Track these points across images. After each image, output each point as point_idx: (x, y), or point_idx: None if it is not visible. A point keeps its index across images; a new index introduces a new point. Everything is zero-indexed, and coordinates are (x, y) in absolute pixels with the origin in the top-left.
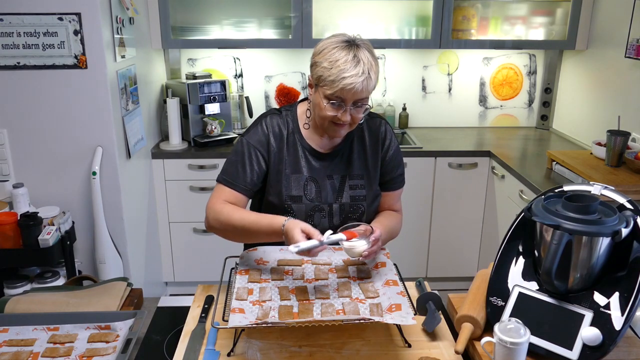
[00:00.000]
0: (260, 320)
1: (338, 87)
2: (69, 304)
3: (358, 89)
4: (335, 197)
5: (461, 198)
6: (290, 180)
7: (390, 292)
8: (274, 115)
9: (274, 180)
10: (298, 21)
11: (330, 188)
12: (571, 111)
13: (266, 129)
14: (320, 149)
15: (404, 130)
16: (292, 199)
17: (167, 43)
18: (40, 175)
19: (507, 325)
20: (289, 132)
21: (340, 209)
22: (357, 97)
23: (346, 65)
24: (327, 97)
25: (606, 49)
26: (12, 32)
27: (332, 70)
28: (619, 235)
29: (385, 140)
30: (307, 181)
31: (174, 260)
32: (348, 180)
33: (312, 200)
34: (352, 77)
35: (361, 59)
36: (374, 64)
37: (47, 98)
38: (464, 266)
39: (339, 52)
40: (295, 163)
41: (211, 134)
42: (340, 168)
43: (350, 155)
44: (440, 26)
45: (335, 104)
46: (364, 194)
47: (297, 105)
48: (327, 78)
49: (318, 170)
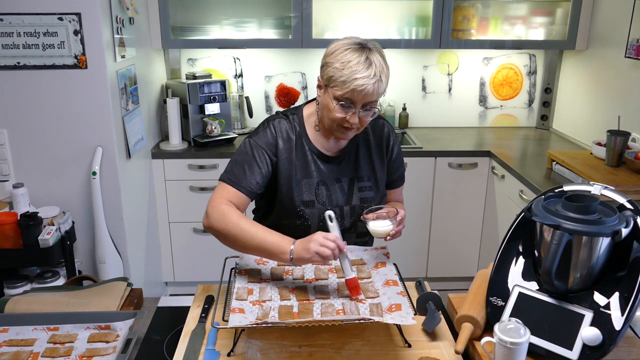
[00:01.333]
0: (260, 320)
1: (349, 88)
2: (69, 304)
3: (369, 90)
4: (345, 200)
5: (461, 198)
6: (301, 185)
7: (390, 292)
8: (282, 119)
9: (285, 185)
10: (298, 21)
11: (340, 191)
12: (571, 111)
13: (275, 132)
14: (327, 152)
15: (404, 130)
16: (304, 204)
17: (167, 43)
18: (40, 175)
19: (507, 325)
20: (297, 137)
21: (351, 211)
22: (367, 100)
23: (358, 66)
24: (336, 98)
25: (606, 49)
26: (12, 32)
27: (344, 71)
28: (619, 235)
29: (389, 141)
30: (318, 185)
31: (174, 260)
32: (356, 183)
33: (324, 204)
34: (363, 78)
35: (373, 61)
36: (385, 68)
37: (47, 98)
38: (464, 266)
39: (352, 53)
40: (305, 167)
41: (211, 134)
42: (348, 171)
43: (357, 158)
44: (440, 26)
45: (345, 106)
46: (372, 195)
47: (302, 108)
48: (339, 79)
49: (327, 174)
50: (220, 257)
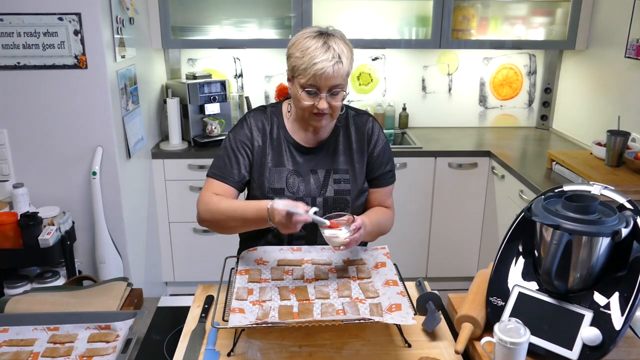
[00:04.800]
0: (260, 320)
1: (310, 73)
2: (69, 304)
3: (329, 73)
4: (319, 191)
5: (461, 198)
6: (272, 172)
7: (390, 292)
8: (258, 111)
9: (257, 173)
10: (298, 21)
11: (314, 182)
12: (571, 111)
13: (250, 124)
14: (306, 144)
15: (404, 130)
16: (274, 192)
17: (167, 43)
18: (40, 175)
19: (507, 325)
20: (272, 128)
21: (325, 203)
22: (330, 83)
23: (316, 52)
24: (302, 86)
25: (606, 49)
26: (12, 32)
27: (303, 58)
28: (619, 235)
29: (372, 136)
30: (289, 174)
31: (174, 260)
32: (333, 175)
33: (295, 192)
34: (322, 62)
35: (331, 45)
36: (346, 50)
37: (47, 98)
38: (464, 266)
39: (310, 41)
40: (279, 156)
41: (211, 134)
42: (325, 162)
43: (336, 150)
44: (440, 26)
45: (311, 92)
46: (349, 188)
47: (282, 102)
48: (300, 67)
49: (302, 165)
50: (220, 257)
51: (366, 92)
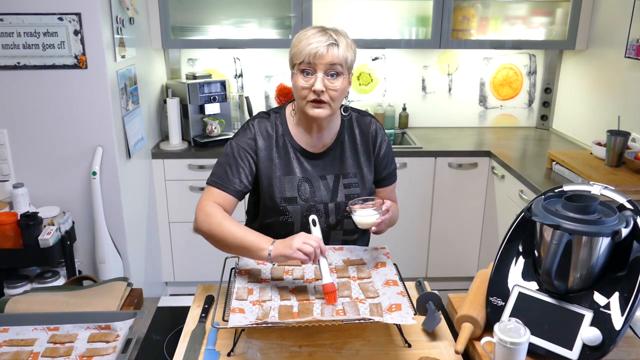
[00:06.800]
0: (260, 320)
1: (304, 53)
2: (69, 304)
3: (322, 52)
4: (330, 197)
5: (461, 198)
6: (283, 182)
7: (390, 292)
8: (262, 118)
9: (266, 183)
10: (298, 21)
11: (324, 188)
12: (571, 111)
13: (254, 131)
14: (311, 149)
15: (404, 130)
16: (286, 201)
17: (167, 43)
18: (40, 175)
19: (507, 325)
20: (278, 135)
21: (336, 208)
22: (325, 62)
23: (313, 36)
24: (299, 69)
25: (606, 49)
26: (12, 32)
27: (300, 44)
28: (619, 235)
29: (376, 138)
30: (300, 182)
31: (174, 260)
32: (342, 179)
33: (307, 200)
34: (316, 42)
35: (329, 32)
36: (345, 38)
37: (47, 98)
38: (464, 266)
39: (310, 31)
40: (287, 165)
41: (211, 134)
42: (333, 167)
43: (342, 155)
44: (440, 26)
45: (307, 72)
46: (359, 191)
47: (285, 107)
48: (297, 52)
49: (311, 171)
50: (220, 257)
51: (366, 92)
